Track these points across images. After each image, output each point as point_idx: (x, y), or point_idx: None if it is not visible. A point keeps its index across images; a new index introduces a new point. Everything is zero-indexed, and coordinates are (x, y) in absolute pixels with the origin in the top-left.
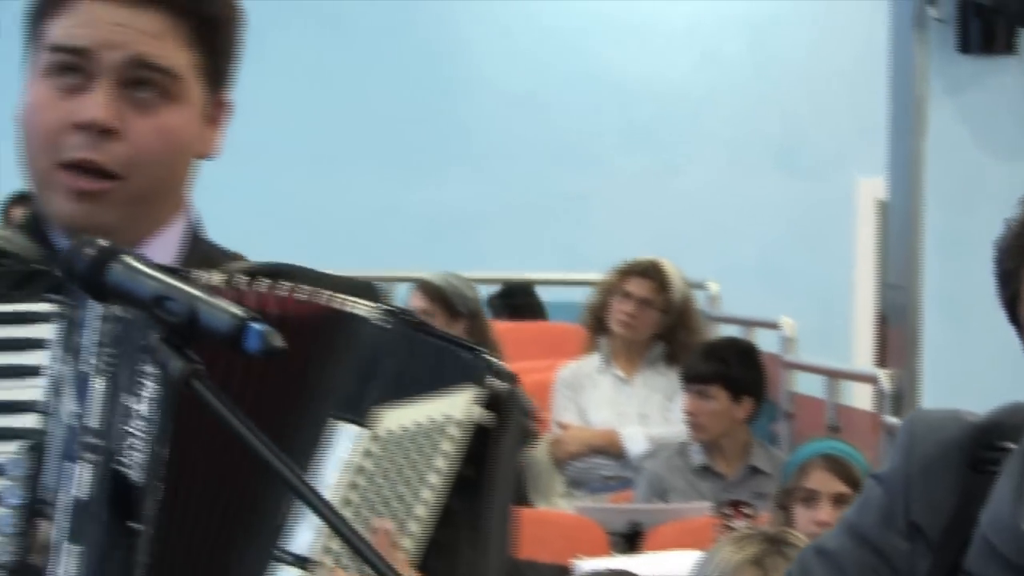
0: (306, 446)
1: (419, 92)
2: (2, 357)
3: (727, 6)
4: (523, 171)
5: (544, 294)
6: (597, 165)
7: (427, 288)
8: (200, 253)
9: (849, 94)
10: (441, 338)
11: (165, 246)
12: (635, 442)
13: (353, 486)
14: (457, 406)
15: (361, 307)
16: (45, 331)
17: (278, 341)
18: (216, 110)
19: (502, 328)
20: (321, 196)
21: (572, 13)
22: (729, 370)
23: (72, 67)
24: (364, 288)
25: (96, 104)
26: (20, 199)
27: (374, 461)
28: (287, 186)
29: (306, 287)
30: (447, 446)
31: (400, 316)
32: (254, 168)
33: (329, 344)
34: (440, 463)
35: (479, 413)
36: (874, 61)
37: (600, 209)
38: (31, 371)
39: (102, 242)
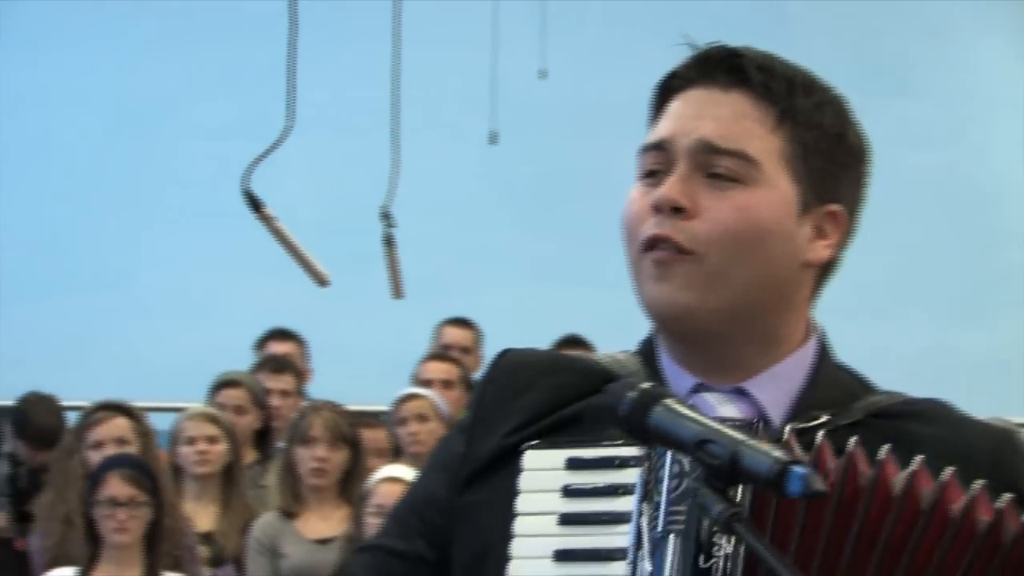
0: None
1: (969, 236)
2: (598, 503)
3: None
4: None
5: None
6: None
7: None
8: (831, 380)
9: None
10: None
11: (797, 367)
12: None
13: None
14: None
15: None
16: (632, 476)
17: (820, 485)
18: (824, 220)
19: None
20: (876, 338)
21: None
22: None
23: (658, 166)
24: (1008, 434)
25: (668, 185)
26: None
27: None
28: (847, 331)
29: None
30: None
31: None
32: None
33: None
34: None
35: None
36: None
37: None
38: (621, 518)
39: (645, 385)
